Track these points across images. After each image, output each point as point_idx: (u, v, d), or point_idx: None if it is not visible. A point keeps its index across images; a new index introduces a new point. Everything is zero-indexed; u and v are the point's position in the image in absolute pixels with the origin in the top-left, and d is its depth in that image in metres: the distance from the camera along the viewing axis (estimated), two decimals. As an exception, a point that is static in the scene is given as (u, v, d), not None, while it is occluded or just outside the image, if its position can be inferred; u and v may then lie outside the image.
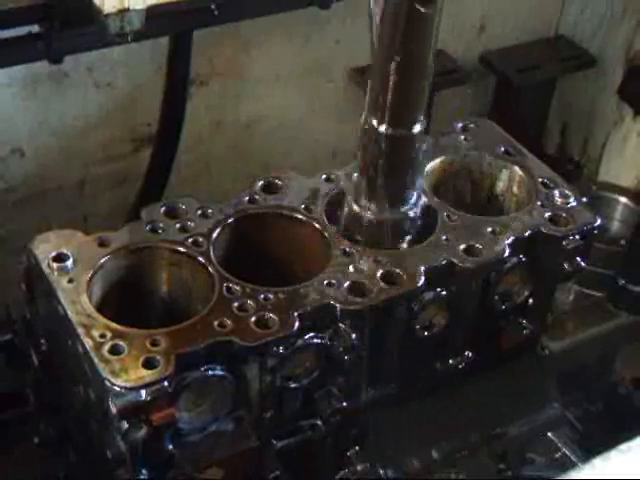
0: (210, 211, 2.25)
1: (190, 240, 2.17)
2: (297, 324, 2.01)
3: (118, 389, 1.85)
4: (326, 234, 2.24)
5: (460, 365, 2.41)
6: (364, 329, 2.12)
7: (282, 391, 2.10)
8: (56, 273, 2.07)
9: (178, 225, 2.21)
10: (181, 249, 2.16)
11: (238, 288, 2.07)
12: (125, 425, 1.85)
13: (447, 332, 2.31)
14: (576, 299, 2.77)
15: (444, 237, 2.25)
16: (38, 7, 2.50)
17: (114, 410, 1.85)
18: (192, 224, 2.21)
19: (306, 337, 2.06)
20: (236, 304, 2.03)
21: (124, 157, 3.15)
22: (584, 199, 2.43)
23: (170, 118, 3.02)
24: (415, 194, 2.24)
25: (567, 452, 2.55)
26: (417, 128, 2.13)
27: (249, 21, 3.04)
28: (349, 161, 2.40)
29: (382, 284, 2.12)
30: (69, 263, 2.08)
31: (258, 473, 2.15)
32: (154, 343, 1.93)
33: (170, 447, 1.98)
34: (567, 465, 2.51)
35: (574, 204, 2.39)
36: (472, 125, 2.60)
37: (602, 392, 2.92)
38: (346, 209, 2.26)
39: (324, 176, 2.39)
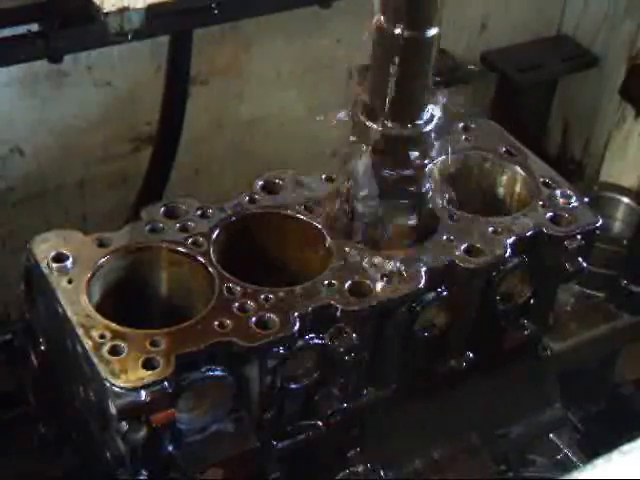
0: (210, 211, 2.25)
1: (190, 240, 2.16)
2: (297, 325, 2.01)
3: (118, 390, 1.85)
4: (326, 234, 2.23)
5: (461, 366, 2.40)
6: (365, 330, 2.11)
7: (282, 392, 2.09)
8: (55, 273, 2.06)
9: (178, 225, 2.20)
10: (181, 249, 2.15)
11: (238, 288, 2.06)
12: (125, 426, 1.85)
13: (448, 333, 2.30)
14: (578, 300, 2.76)
15: (445, 237, 2.25)
16: (38, 6, 2.50)
17: (114, 411, 1.84)
18: (192, 224, 2.21)
19: (306, 338, 2.05)
20: (236, 304, 2.03)
21: (124, 157, 3.15)
22: (586, 199, 2.43)
23: (170, 118, 3.02)
24: (429, 108, 2.14)
25: (568, 453, 2.55)
26: (433, 31, 2.02)
27: (249, 20, 3.03)
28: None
29: (383, 284, 2.12)
30: (68, 263, 2.07)
31: (258, 474, 2.15)
32: (154, 344, 1.92)
33: (170, 448, 1.98)
34: (568, 466, 2.51)
35: (576, 204, 2.39)
36: (473, 125, 2.59)
37: (604, 393, 2.91)
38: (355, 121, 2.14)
39: (324, 176, 2.38)
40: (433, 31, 2.02)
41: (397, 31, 2.00)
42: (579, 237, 2.33)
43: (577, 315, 2.73)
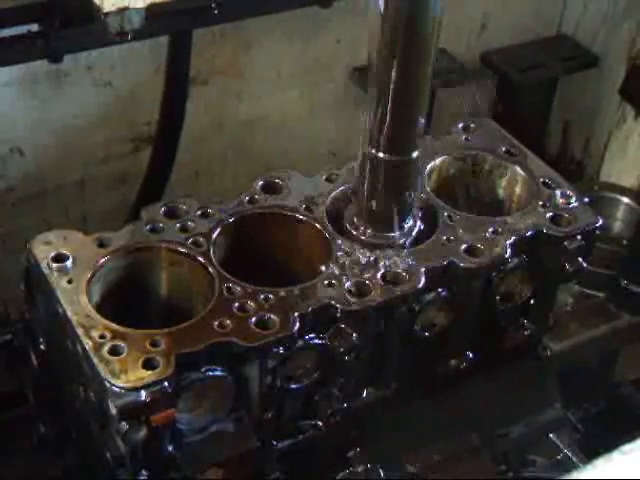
0: (210, 211, 2.25)
1: (190, 240, 2.17)
2: (297, 324, 2.01)
3: (118, 390, 1.85)
4: (326, 234, 2.23)
5: (461, 366, 2.40)
6: (365, 329, 2.11)
7: (282, 392, 2.09)
8: (55, 273, 2.06)
9: (178, 225, 2.20)
10: (181, 249, 2.15)
11: (238, 288, 2.07)
12: (125, 426, 1.85)
13: (448, 333, 2.30)
14: (577, 300, 2.76)
15: (445, 237, 2.25)
16: (38, 6, 2.49)
17: (114, 411, 1.84)
18: (192, 224, 2.21)
19: (306, 338, 2.05)
20: (236, 304, 2.03)
21: (124, 157, 3.15)
22: (586, 199, 2.43)
23: (170, 118, 3.02)
24: (410, 219, 2.25)
25: (568, 453, 2.55)
26: (415, 154, 2.13)
27: (249, 20, 3.03)
28: (349, 161, 2.40)
29: (383, 284, 2.12)
30: (68, 263, 2.07)
31: (258, 474, 2.15)
32: (154, 344, 1.92)
33: (170, 448, 1.98)
34: (568, 466, 2.50)
35: (576, 204, 2.39)
36: (473, 125, 2.59)
37: (604, 393, 2.91)
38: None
39: (324, 176, 2.38)
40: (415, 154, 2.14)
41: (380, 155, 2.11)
42: (579, 237, 2.33)
43: (577, 315, 2.73)
